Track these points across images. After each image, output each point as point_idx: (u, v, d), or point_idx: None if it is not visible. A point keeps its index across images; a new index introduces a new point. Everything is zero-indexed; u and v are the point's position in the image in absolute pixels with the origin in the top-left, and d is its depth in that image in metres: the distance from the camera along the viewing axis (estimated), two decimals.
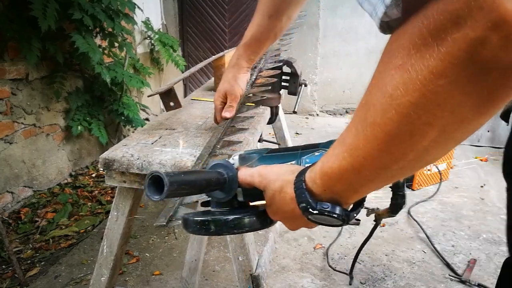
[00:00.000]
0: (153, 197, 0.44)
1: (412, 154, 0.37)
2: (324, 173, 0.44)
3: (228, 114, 1.06)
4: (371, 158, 0.39)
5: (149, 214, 2.40)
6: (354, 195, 0.45)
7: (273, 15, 0.99)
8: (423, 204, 2.49)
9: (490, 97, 0.32)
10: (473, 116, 0.33)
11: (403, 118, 0.35)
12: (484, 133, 3.61)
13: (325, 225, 0.48)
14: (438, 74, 0.31)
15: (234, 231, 0.53)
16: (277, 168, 0.53)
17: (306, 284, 1.78)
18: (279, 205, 0.50)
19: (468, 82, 0.31)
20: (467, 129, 0.35)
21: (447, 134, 0.35)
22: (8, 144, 2.33)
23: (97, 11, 2.46)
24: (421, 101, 0.33)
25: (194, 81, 4.76)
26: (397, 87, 0.34)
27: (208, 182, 0.51)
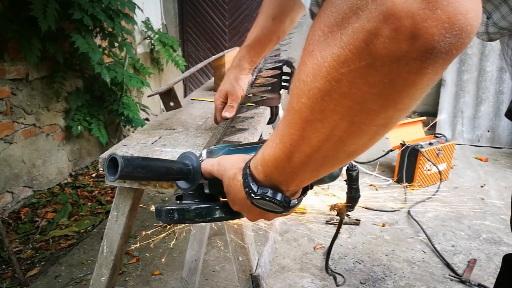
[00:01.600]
0: (109, 177, 0.47)
1: (329, 143, 0.38)
2: (262, 160, 0.46)
3: (228, 114, 1.06)
4: (295, 144, 0.40)
5: (149, 214, 2.40)
6: (292, 182, 0.46)
7: (277, 17, 1.00)
8: (423, 204, 2.49)
9: (392, 89, 0.32)
10: (379, 108, 0.34)
11: (314, 104, 0.36)
12: (484, 133, 3.61)
13: (270, 211, 0.50)
14: (341, 62, 0.32)
15: (196, 220, 0.55)
16: (234, 157, 0.54)
17: (306, 284, 1.78)
18: (233, 193, 0.52)
19: (368, 72, 0.31)
20: (376, 122, 0.35)
21: (357, 126, 0.35)
22: (8, 144, 2.33)
23: (97, 11, 2.46)
24: (327, 88, 0.34)
25: (194, 81, 4.76)
26: (308, 73, 0.35)
27: (168, 170, 0.53)
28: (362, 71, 0.31)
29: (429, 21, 0.28)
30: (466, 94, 3.60)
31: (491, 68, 3.48)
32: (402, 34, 0.29)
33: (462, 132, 3.67)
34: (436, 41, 0.29)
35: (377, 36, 0.30)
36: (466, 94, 3.60)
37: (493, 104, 3.55)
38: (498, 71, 3.48)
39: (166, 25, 4.33)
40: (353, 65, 0.31)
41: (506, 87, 3.48)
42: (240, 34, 4.44)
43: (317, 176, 0.45)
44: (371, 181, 2.81)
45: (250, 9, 4.37)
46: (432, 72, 0.31)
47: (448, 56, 0.30)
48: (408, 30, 0.29)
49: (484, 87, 3.53)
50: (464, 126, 3.65)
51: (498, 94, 3.51)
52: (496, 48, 3.44)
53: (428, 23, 0.28)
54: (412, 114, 4.25)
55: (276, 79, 1.33)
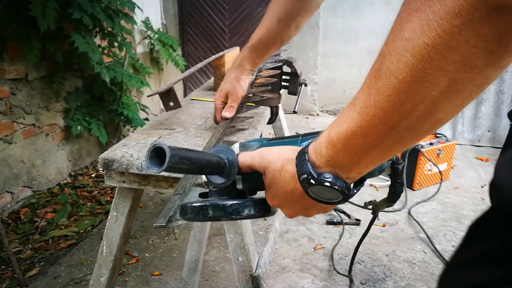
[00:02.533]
0: (153, 169, 0.44)
1: (422, 107, 0.36)
2: (329, 141, 0.43)
3: (228, 114, 1.05)
4: (381, 113, 0.38)
5: (149, 214, 2.39)
6: (357, 167, 0.44)
7: (283, 20, 0.99)
8: (423, 204, 2.49)
9: (500, 42, 0.32)
10: (482, 64, 0.33)
11: (417, 62, 0.35)
12: (485, 133, 3.61)
13: (325, 203, 0.47)
14: (454, 14, 0.32)
15: (232, 217, 0.52)
16: (279, 148, 0.52)
17: (307, 284, 1.78)
18: (279, 186, 0.49)
19: (481, 23, 0.31)
20: (475, 80, 0.35)
21: (456, 84, 0.35)
22: (7, 144, 2.32)
23: (97, 11, 2.45)
24: (436, 42, 0.33)
25: (194, 81, 4.76)
26: (414, 29, 0.34)
27: (208, 162, 0.50)
28: (475, 22, 0.31)
29: None
30: None
31: None
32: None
33: (463, 132, 3.66)
34: None
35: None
36: None
37: (493, 104, 3.54)
38: None
39: (165, 25, 4.33)
40: (466, 16, 0.31)
41: (507, 87, 3.48)
42: (240, 34, 4.43)
43: (386, 157, 0.43)
44: (371, 181, 2.81)
45: (250, 9, 4.37)
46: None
47: None
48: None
49: None
50: (464, 126, 3.65)
51: (498, 94, 3.51)
52: None
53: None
54: None
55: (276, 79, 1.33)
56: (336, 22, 4.16)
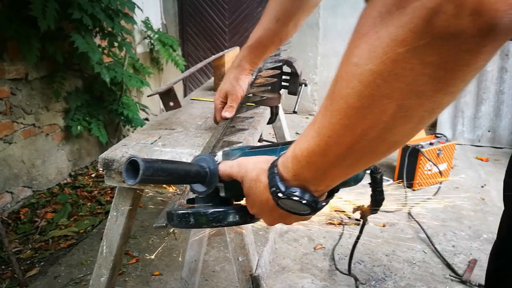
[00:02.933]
0: (128, 181, 0.45)
1: (373, 131, 0.37)
2: (294, 156, 0.44)
3: (228, 114, 1.05)
4: (335, 135, 0.39)
5: (149, 214, 2.39)
6: (322, 181, 0.45)
7: (281, 19, 0.99)
8: (423, 204, 2.49)
9: (446, 70, 0.32)
10: (430, 91, 0.33)
11: (364, 88, 0.35)
12: (485, 133, 3.60)
13: (295, 213, 0.48)
14: (399, 41, 0.32)
15: (213, 225, 0.54)
16: (255, 158, 0.53)
17: (307, 284, 1.78)
18: (255, 196, 0.50)
19: (425, 51, 0.31)
20: (425, 106, 0.35)
21: (405, 111, 0.35)
22: (7, 144, 2.32)
23: (97, 11, 2.45)
24: (381, 69, 0.33)
25: (194, 81, 4.76)
26: (361, 55, 0.34)
27: (187, 172, 0.52)
28: (419, 51, 0.31)
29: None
30: (466, 94, 3.59)
31: (491, 68, 3.47)
32: (465, 10, 0.28)
33: (463, 132, 3.66)
34: (499, 18, 0.28)
35: (439, 13, 0.29)
36: (466, 94, 3.59)
37: (493, 104, 3.54)
38: (499, 71, 3.47)
39: (165, 25, 4.33)
40: (411, 45, 0.31)
41: (507, 87, 3.48)
42: (240, 34, 4.43)
43: (349, 174, 0.44)
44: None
45: (250, 9, 4.37)
46: (489, 51, 0.31)
47: (508, 34, 0.30)
48: (471, 6, 0.28)
49: (485, 87, 3.52)
50: (464, 126, 3.65)
51: (498, 94, 3.51)
52: None
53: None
54: None
55: (276, 79, 1.33)
56: (336, 22, 4.16)
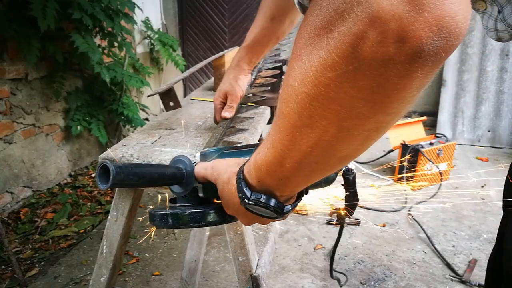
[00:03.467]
0: (101, 186, 0.47)
1: (319, 148, 0.37)
2: (255, 165, 0.45)
3: (228, 114, 1.05)
4: (285, 149, 0.39)
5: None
6: (285, 187, 0.45)
7: (276, 17, 0.99)
8: (423, 205, 2.49)
9: (381, 93, 0.31)
10: (368, 112, 0.33)
11: (302, 110, 0.35)
12: (485, 133, 3.60)
13: (264, 217, 0.49)
14: (328, 66, 0.31)
15: (191, 225, 0.54)
16: (227, 161, 0.54)
17: (307, 284, 1.78)
18: (228, 198, 0.51)
19: (355, 76, 0.30)
20: (367, 126, 0.34)
21: (347, 131, 0.35)
22: (7, 144, 2.32)
23: (97, 11, 2.45)
24: (315, 93, 0.33)
25: (194, 81, 4.76)
26: (295, 77, 0.34)
27: (160, 175, 0.53)
28: (349, 76, 0.31)
29: (416, 24, 0.28)
30: (466, 94, 3.59)
31: (491, 68, 3.47)
32: (389, 37, 0.28)
33: (463, 132, 3.66)
34: (424, 44, 0.28)
35: (364, 39, 0.29)
36: (466, 94, 3.59)
37: (493, 104, 3.54)
38: (499, 71, 3.47)
39: (165, 25, 4.32)
40: (340, 70, 0.31)
41: (507, 87, 3.48)
42: (240, 34, 4.43)
43: (310, 181, 0.45)
44: (371, 181, 2.81)
45: (250, 9, 4.37)
46: (421, 76, 0.30)
47: (437, 59, 0.29)
48: (395, 33, 0.28)
49: (485, 87, 3.52)
50: (464, 126, 3.65)
51: (498, 94, 3.51)
52: (496, 48, 3.43)
53: (415, 26, 0.28)
54: (412, 114, 4.24)
55: (276, 79, 1.33)
56: None
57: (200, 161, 0.58)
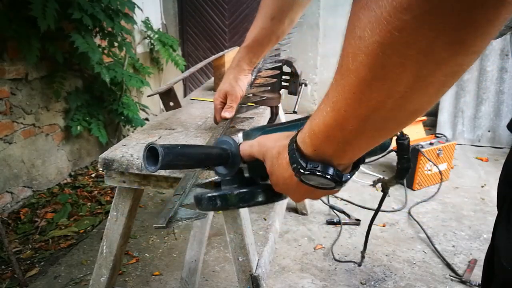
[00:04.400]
0: (149, 168, 0.46)
1: (390, 101, 0.34)
2: (311, 132, 0.43)
3: (227, 115, 1.05)
4: (350, 109, 0.37)
5: (149, 214, 2.39)
6: (344, 154, 0.43)
7: (276, 17, 0.99)
8: (423, 204, 2.49)
9: (462, 31, 0.29)
10: (448, 55, 0.30)
11: (374, 61, 0.32)
12: (485, 133, 3.60)
13: (322, 188, 0.47)
14: (402, 8, 0.29)
15: (240, 205, 0.54)
16: (275, 135, 0.52)
17: (307, 284, 1.78)
18: (278, 173, 0.49)
19: (435, 15, 0.28)
20: (445, 70, 0.32)
21: (423, 78, 0.32)
22: (7, 144, 2.32)
23: (97, 11, 2.45)
24: (389, 40, 0.31)
25: (194, 81, 4.76)
26: (364, 28, 0.32)
27: (207, 155, 0.52)
28: (428, 15, 0.28)
29: None
30: (466, 94, 3.59)
31: (491, 68, 3.47)
32: None
33: (463, 132, 3.66)
34: None
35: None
36: (466, 94, 3.59)
37: (493, 104, 3.54)
38: (499, 71, 3.47)
39: (165, 25, 4.33)
40: (417, 10, 0.28)
41: (507, 87, 3.48)
42: (240, 34, 4.43)
43: (372, 144, 0.42)
44: (371, 181, 2.81)
45: (250, 9, 4.37)
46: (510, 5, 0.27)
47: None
48: None
49: (485, 87, 3.52)
50: (464, 126, 3.65)
51: (498, 94, 3.51)
52: (496, 48, 3.43)
53: None
54: None
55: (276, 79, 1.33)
56: (336, 22, 4.16)
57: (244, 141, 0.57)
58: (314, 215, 2.37)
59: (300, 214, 2.36)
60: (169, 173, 0.97)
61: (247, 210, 1.10)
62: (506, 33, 0.62)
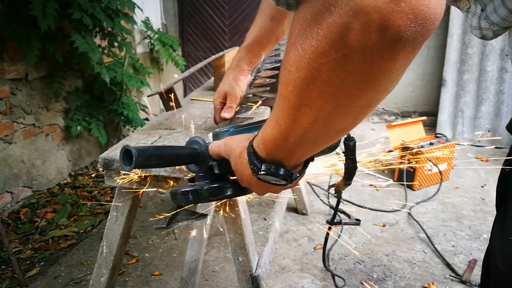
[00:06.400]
0: (125, 167, 0.52)
1: (318, 123, 0.41)
2: (263, 139, 0.49)
3: (227, 115, 1.05)
4: (288, 126, 0.43)
5: (149, 214, 2.39)
6: (291, 158, 0.50)
7: (276, 17, 0.99)
8: (423, 204, 2.49)
9: (368, 75, 0.35)
10: (359, 91, 0.37)
11: (299, 92, 0.39)
12: (485, 133, 3.60)
13: (275, 184, 0.54)
14: (319, 53, 0.35)
15: (210, 199, 0.60)
16: (238, 137, 0.58)
17: (306, 284, 1.78)
18: (241, 170, 0.55)
19: (345, 61, 0.34)
20: (359, 103, 0.39)
21: (341, 108, 0.39)
22: (7, 144, 2.32)
23: (97, 11, 2.45)
24: (310, 77, 0.37)
25: (194, 81, 4.76)
26: (292, 64, 0.38)
27: (178, 155, 0.58)
28: (339, 61, 0.34)
29: (395, 14, 0.31)
30: (466, 94, 3.59)
31: (491, 68, 3.47)
32: (371, 27, 0.31)
33: (463, 132, 3.66)
34: (403, 31, 0.32)
35: (349, 29, 0.32)
36: (466, 94, 3.59)
37: (493, 104, 3.54)
38: (499, 71, 3.47)
39: (165, 25, 4.33)
40: (330, 56, 0.34)
41: (507, 87, 3.48)
42: (240, 34, 4.43)
43: (314, 151, 0.50)
44: (371, 181, 2.81)
45: (250, 9, 4.37)
46: (403, 58, 0.34)
47: (416, 42, 0.33)
48: (376, 23, 0.31)
49: (485, 87, 3.52)
50: (464, 126, 3.65)
51: (498, 94, 3.51)
52: (496, 48, 3.43)
53: (394, 15, 0.31)
54: (412, 114, 4.24)
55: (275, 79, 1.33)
56: None
57: (213, 141, 0.63)
58: (314, 215, 2.37)
59: (300, 214, 2.36)
60: (169, 173, 0.97)
61: (247, 210, 1.10)
62: (501, 34, 0.63)
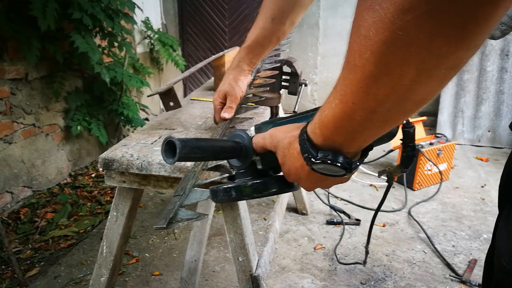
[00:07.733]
0: (168, 160, 0.49)
1: (395, 94, 0.36)
2: (321, 123, 0.44)
3: (227, 115, 1.05)
4: (358, 101, 0.39)
5: (149, 214, 2.39)
6: (353, 143, 0.45)
7: (277, 18, 0.99)
8: (423, 204, 2.49)
9: (464, 27, 0.31)
10: (450, 50, 0.32)
11: (379, 58, 0.34)
12: (485, 133, 3.60)
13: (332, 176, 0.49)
14: (404, 9, 0.31)
15: (254, 195, 0.56)
16: (286, 127, 0.54)
17: (307, 284, 1.78)
18: (290, 163, 0.51)
19: (436, 13, 0.30)
20: (446, 64, 0.34)
21: (426, 72, 0.34)
22: (7, 144, 2.32)
23: (97, 11, 2.45)
24: (393, 39, 0.32)
25: (194, 81, 4.76)
26: (369, 27, 0.34)
27: (222, 148, 0.55)
28: (430, 15, 0.30)
29: None
30: (466, 94, 3.59)
31: (491, 68, 3.47)
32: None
33: (463, 132, 3.66)
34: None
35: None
36: (466, 94, 3.59)
37: (493, 104, 3.55)
38: (499, 71, 3.47)
39: (166, 25, 4.33)
40: (419, 10, 0.30)
41: (507, 87, 3.48)
42: (240, 34, 4.43)
43: (380, 133, 0.44)
44: (371, 181, 2.81)
45: (250, 9, 4.37)
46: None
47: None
48: None
49: (485, 87, 3.52)
50: (464, 126, 3.65)
51: (498, 94, 3.51)
52: (496, 48, 3.43)
53: None
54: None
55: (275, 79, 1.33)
56: (336, 22, 4.16)
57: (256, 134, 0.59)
58: (314, 215, 2.37)
59: (300, 214, 2.36)
60: (169, 173, 0.97)
61: (247, 210, 1.10)
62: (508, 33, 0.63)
